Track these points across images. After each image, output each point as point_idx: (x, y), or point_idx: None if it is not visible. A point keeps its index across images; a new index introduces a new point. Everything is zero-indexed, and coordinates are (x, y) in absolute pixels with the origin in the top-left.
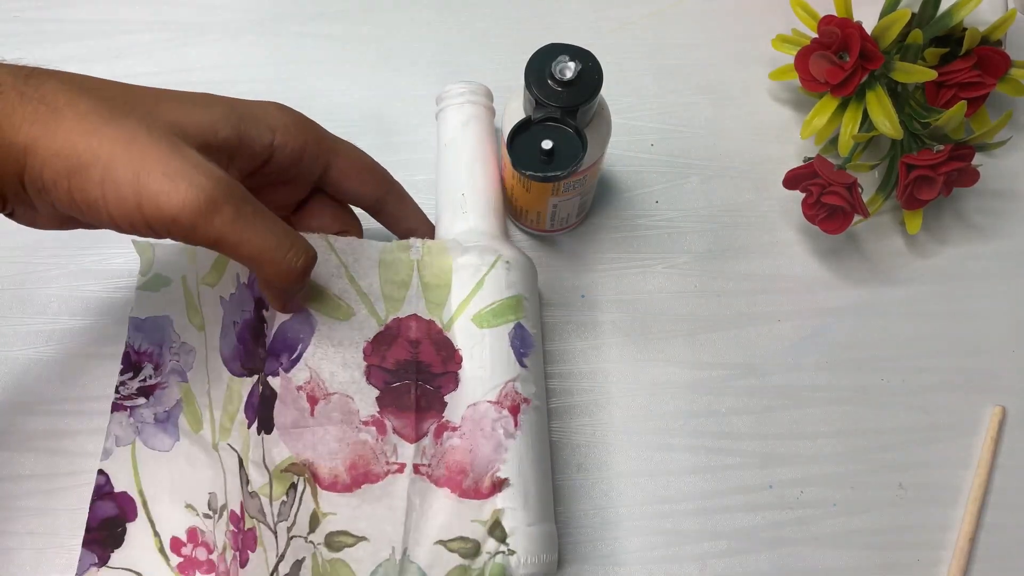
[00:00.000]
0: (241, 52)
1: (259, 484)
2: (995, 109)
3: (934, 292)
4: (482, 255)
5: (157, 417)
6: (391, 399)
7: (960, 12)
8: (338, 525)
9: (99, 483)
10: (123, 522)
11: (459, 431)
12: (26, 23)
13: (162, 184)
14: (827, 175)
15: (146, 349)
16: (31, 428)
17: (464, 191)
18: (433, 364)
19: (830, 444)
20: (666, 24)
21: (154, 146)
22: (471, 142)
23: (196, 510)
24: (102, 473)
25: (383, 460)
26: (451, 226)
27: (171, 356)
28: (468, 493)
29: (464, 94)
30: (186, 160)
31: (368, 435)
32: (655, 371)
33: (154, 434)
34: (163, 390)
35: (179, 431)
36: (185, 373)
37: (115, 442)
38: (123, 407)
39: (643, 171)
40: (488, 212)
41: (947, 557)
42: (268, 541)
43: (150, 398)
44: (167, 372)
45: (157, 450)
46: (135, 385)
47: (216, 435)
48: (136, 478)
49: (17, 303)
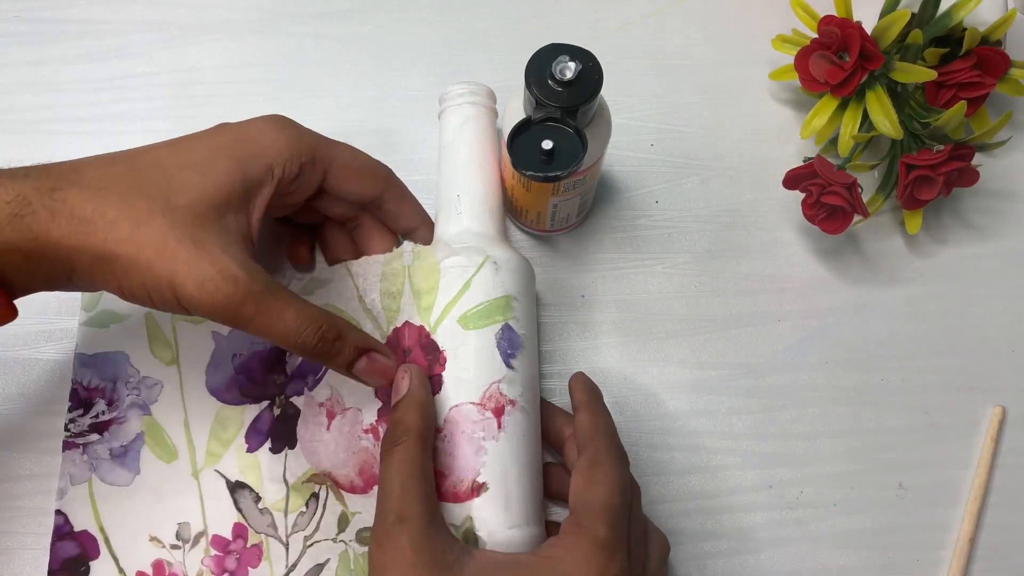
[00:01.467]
0: (241, 52)
1: (275, 499)
2: (995, 109)
3: (934, 292)
4: (470, 256)
5: (113, 452)
6: (387, 408)
7: (960, 12)
8: (365, 522)
9: (58, 523)
10: (86, 560)
11: (441, 434)
12: (26, 23)
13: (193, 292)
14: (827, 175)
15: (96, 385)
16: (31, 428)
17: (460, 192)
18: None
19: (830, 444)
20: (666, 24)
21: (183, 251)
22: (468, 143)
23: (162, 542)
24: (60, 513)
25: (377, 463)
26: (446, 227)
27: (128, 391)
28: (446, 496)
29: (464, 95)
30: (212, 263)
31: (367, 442)
32: (655, 371)
33: (111, 469)
34: (119, 425)
35: (140, 464)
36: (148, 407)
37: (70, 480)
38: (75, 444)
39: (643, 171)
40: (483, 213)
41: (947, 557)
42: (276, 554)
43: (104, 434)
44: (124, 407)
45: (116, 485)
46: (87, 422)
47: (199, 462)
48: (96, 515)
49: (21, 303)
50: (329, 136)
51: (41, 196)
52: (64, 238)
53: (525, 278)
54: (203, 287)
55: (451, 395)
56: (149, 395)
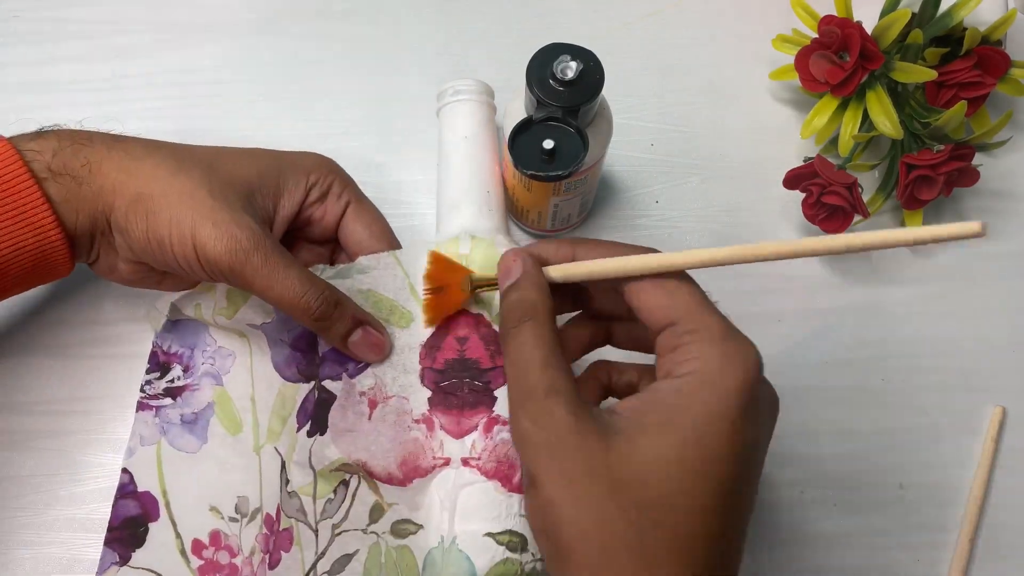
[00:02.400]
0: (241, 52)
1: (301, 484)
2: (995, 109)
3: (934, 292)
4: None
5: (184, 418)
6: (440, 398)
7: (960, 12)
8: (402, 514)
9: (122, 482)
10: (145, 522)
11: (508, 426)
12: (26, 23)
13: (210, 232)
14: (827, 175)
15: (176, 351)
16: (31, 428)
17: (489, 188)
18: (481, 359)
19: (830, 444)
20: (666, 24)
21: (209, 199)
22: (491, 139)
23: (221, 513)
24: (126, 472)
25: (430, 455)
26: (477, 222)
27: (204, 359)
28: (518, 488)
29: (482, 92)
30: (232, 215)
31: (419, 432)
32: None
33: (180, 435)
34: (193, 392)
35: (208, 433)
36: (220, 376)
37: (140, 441)
38: (149, 406)
39: (643, 171)
40: (504, 212)
41: (947, 557)
42: (307, 539)
43: (178, 399)
44: (199, 375)
45: (183, 451)
46: (162, 385)
47: (260, 438)
48: (160, 478)
49: (17, 303)
50: (329, 136)
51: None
52: (114, 170)
53: None
54: (219, 230)
55: None
56: (223, 365)
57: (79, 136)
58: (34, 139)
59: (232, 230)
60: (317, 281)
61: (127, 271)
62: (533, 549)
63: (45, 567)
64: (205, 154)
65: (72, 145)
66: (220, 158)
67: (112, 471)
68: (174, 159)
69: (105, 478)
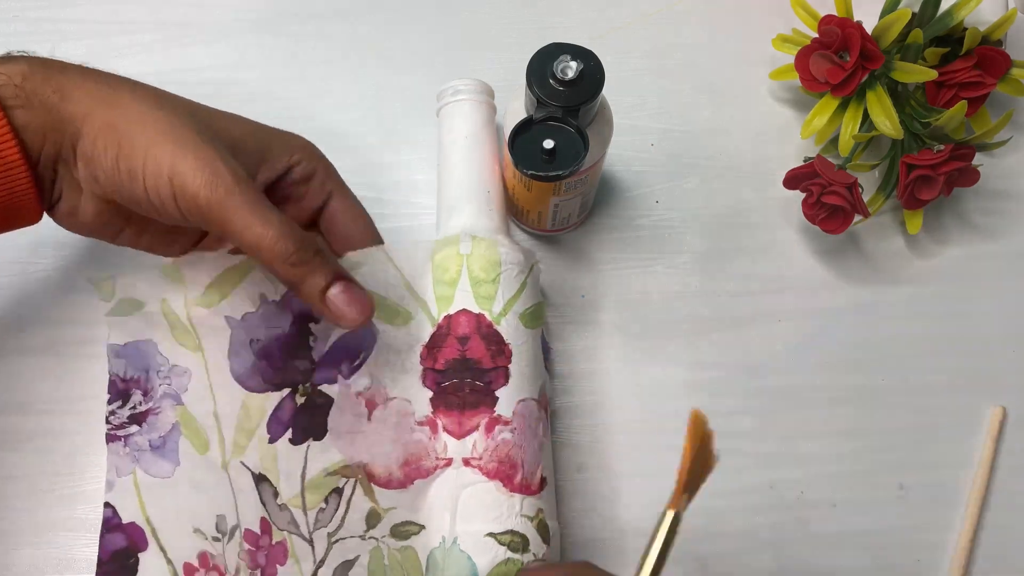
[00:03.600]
0: (241, 52)
1: (291, 495)
2: (995, 109)
3: (934, 292)
4: (526, 257)
5: (152, 444)
6: (442, 399)
7: (960, 12)
8: (403, 516)
9: (106, 516)
10: (134, 553)
11: (511, 425)
12: (26, 23)
13: (191, 164)
14: (827, 175)
15: (132, 376)
16: (30, 428)
17: (490, 188)
18: (482, 359)
19: (830, 444)
20: (666, 24)
21: (193, 137)
22: (490, 139)
23: (204, 534)
24: (108, 506)
25: (433, 456)
26: (477, 221)
27: (160, 380)
28: (519, 488)
29: (481, 91)
30: (216, 153)
31: (422, 434)
32: (655, 371)
33: (153, 461)
34: (156, 416)
35: (179, 455)
36: (179, 396)
37: (116, 472)
38: (117, 437)
39: (643, 171)
40: (505, 211)
41: (947, 557)
42: (302, 551)
43: (143, 425)
44: (158, 397)
45: (158, 477)
46: (125, 413)
47: (227, 454)
48: (142, 507)
49: (17, 303)
50: (329, 136)
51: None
52: (87, 97)
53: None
54: (200, 163)
55: (518, 389)
56: (180, 383)
57: (52, 63)
58: (2, 63)
59: (216, 165)
60: (298, 228)
61: (89, 212)
62: (535, 550)
63: (44, 567)
64: (189, 103)
65: (44, 71)
66: (205, 109)
67: None
68: (155, 95)
69: (105, 478)
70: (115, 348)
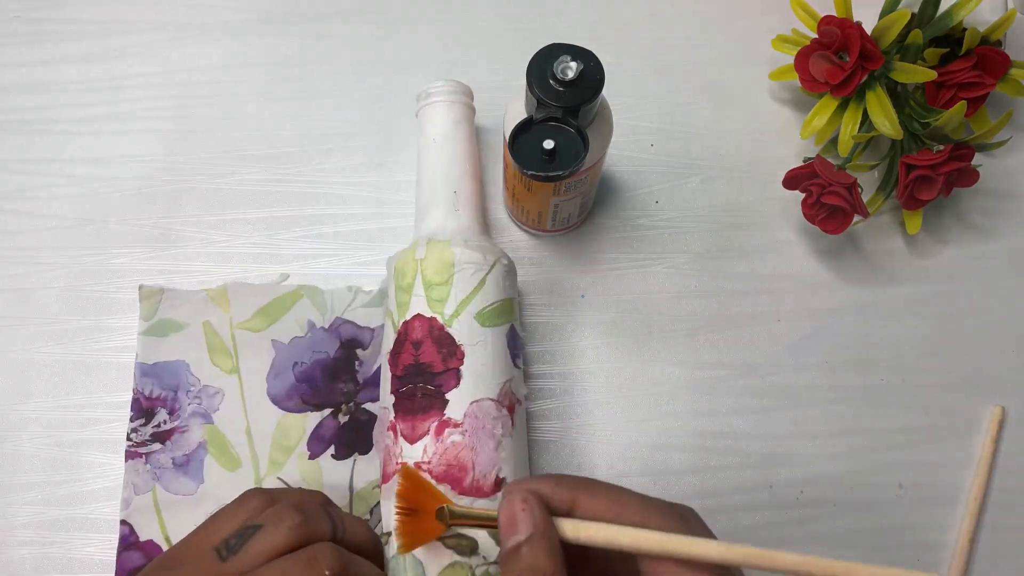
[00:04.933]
0: (241, 52)
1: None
2: (995, 109)
3: (934, 292)
4: (485, 255)
5: (176, 461)
6: (400, 404)
7: (960, 12)
8: (387, 525)
9: (123, 533)
10: None
11: (461, 427)
12: (26, 23)
13: None
14: (827, 175)
15: (158, 395)
16: (31, 428)
17: (456, 188)
18: (434, 363)
19: (830, 444)
20: (666, 24)
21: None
22: (463, 140)
23: None
24: (124, 523)
25: (394, 461)
26: (444, 223)
27: (190, 399)
28: (469, 491)
29: (453, 92)
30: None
31: (388, 439)
32: (655, 371)
33: (175, 479)
34: (181, 434)
35: (203, 473)
36: (210, 415)
37: (133, 490)
38: (138, 454)
39: (643, 171)
40: (477, 211)
41: (947, 557)
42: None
43: (167, 443)
44: (186, 416)
45: (180, 495)
46: (148, 431)
47: (261, 470)
48: (161, 525)
49: (17, 303)
50: (329, 136)
51: None
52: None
53: (516, 280)
54: None
55: (471, 390)
56: (211, 404)
57: None
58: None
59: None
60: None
61: None
62: (484, 552)
63: (45, 567)
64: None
65: None
66: None
67: (112, 471)
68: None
69: (105, 478)
70: (143, 367)
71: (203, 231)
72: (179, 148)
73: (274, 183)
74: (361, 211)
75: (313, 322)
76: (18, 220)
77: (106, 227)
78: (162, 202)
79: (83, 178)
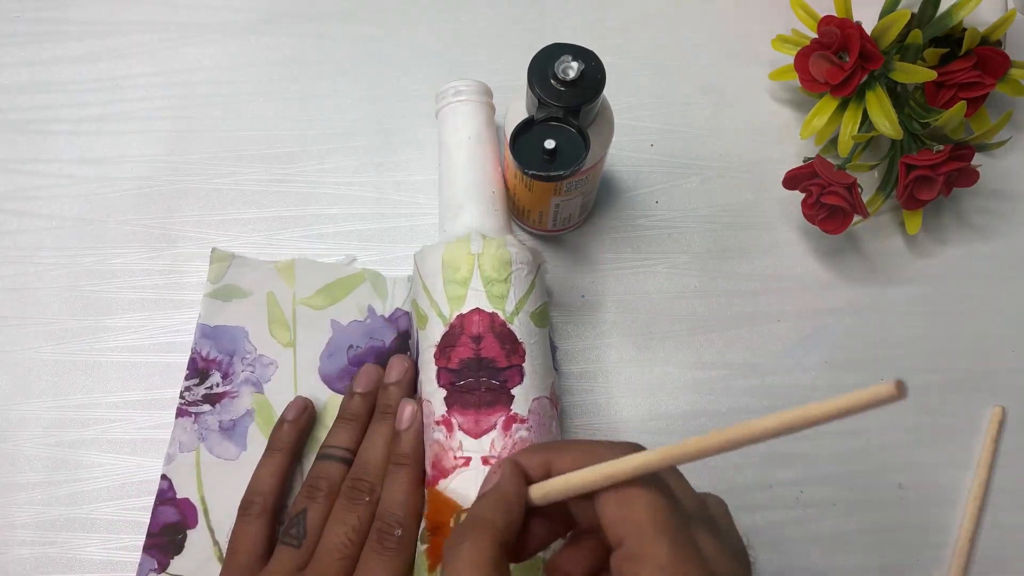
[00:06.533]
0: (241, 52)
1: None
2: (995, 109)
3: (934, 292)
4: (534, 256)
5: (223, 425)
6: (456, 398)
7: (960, 12)
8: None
9: (162, 488)
10: (184, 528)
11: (527, 423)
12: (26, 23)
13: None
14: (827, 175)
15: (215, 357)
16: (31, 428)
17: (494, 189)
18: (497, 359)
19: (830, 444)
20: (666, 24)
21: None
22: (492, 140)
23: None
24: (165, 478)
25: (451, 456)
26: (483, 221)
27: (244, 367)
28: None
29: (475, 91)
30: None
31: (440, 433)
32: (655, 371)
33: (219, 442)
34: (232, 399)
35: (247, 440)
36: (261, 384)
37: (179, 448)
38: (188, 413)
39: (643, 171)
40: (508, 212)
41: (947, 557)
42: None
43: (216, 406)
44: (238, 382)
45: (222, 458)
46: (201, 392)
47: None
48: (199, 485)
49: (17, 303)
50: (329, 136)
51: None
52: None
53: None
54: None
55: (533, 387)
56: (263, 373)
57: None
58: None
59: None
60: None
61: None
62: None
63: (45, 567)
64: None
65: None
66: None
67: (112, 471)
68: None
69: (105, 478)
70: (204, 328)
71: (203, 231)
72: (179, 148)
73: (274, 183)
74: (361, 211)
75: (374, 308)
76: (18, 220)
77: (106, 227)
78: (162, 202)
79: (83, 178)
